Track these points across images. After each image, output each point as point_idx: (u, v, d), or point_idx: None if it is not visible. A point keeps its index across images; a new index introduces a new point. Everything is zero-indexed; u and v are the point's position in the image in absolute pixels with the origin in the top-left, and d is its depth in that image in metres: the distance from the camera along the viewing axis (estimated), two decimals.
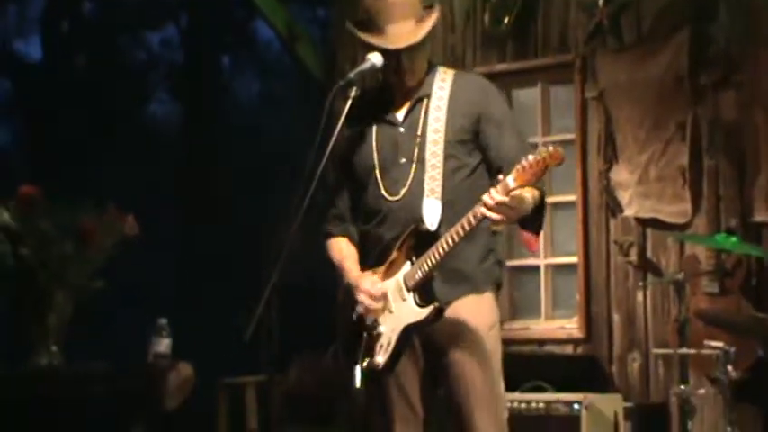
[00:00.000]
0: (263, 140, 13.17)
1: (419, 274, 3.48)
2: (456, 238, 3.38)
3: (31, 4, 13.37)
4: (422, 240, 3.49)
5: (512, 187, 3.27)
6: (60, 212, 5.00)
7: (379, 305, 3.52)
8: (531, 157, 3.28)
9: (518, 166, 3.29)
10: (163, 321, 4.97)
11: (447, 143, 3.56)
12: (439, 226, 3.48)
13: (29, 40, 13.42)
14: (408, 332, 3.51)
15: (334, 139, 3.52)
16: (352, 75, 3.55)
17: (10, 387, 4.81)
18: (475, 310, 3.55)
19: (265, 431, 6.53)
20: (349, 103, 3.54)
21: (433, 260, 3.45)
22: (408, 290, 3.50)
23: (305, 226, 3.41)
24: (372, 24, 3.59)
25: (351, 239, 3.71)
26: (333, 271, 3.72)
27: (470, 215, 3.34)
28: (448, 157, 3.55)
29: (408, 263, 3.52)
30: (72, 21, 13.46)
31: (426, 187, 3.53)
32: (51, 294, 4.97)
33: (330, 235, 3.74)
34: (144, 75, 13.84)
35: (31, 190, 5.04)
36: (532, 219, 3.51)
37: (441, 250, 3.42)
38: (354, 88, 3.54)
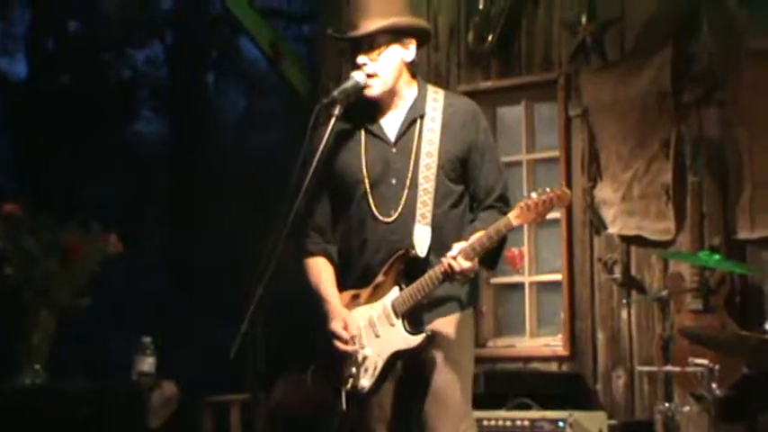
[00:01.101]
0: (248, 157, 13.15)
1: (410, 302, 3.49)
2: (436, 282, 3.45)
3: (16, 21, 13.34)
4: (410, 266, 3.50)
5: (514, 225, 3.35)
6: (44, 231, 4.99)
7: (348, 348, 3.52)
8: (534, 195, 3.32)
9: (521, 204, 3.35)
10: (147, 340, 4.96)
11: (439, 168, 3.55)
12: (428, 252, 3.49)
13: (14, 58, 13.38)
14: (396, 357, 3.52)
15: (317, 156, 3.52)
16: (335, 93, 3.57)
17: None
18: (454, 330, 3.56)
19: None
20: (332, 121, 3.56)
21: (425, 290, 3.47)
22: (397, 316, 3.51)
23: (290, 243, 3.40)
24: (347, 22, 3.62)
25: (329, 258, 3.67)
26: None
27: (434, 275, 3.43)
28: (439, 182, 3.55)
29: (396, 288, 3.52)
30: (57, 39, 13.44)
31: (418, 212, 3.52)
32: (35, 313, 4.96)
33: (309, 253, 3.68)
34: (129, 92, 13.81)
35: (14, 208, 5.03)
36: (489, 255, 3.55)
37: (433, 283, 3.45)
38: (338, 106, 3.55)
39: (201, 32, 13.31)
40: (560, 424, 5.44)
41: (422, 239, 3.50)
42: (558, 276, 6.39)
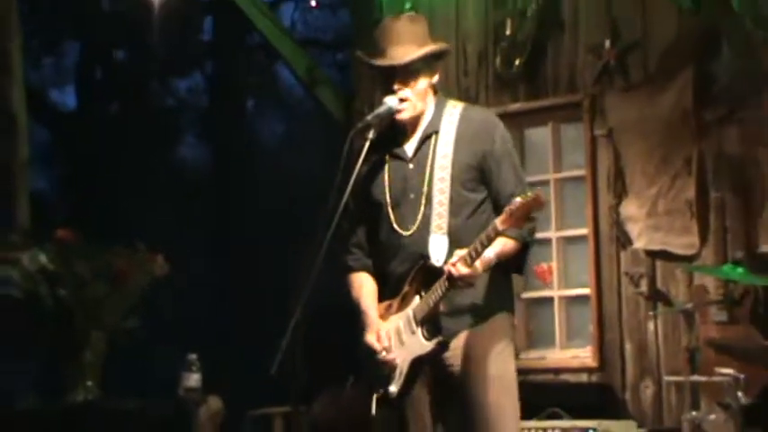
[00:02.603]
0: (287, 179, 13.22)
1: (426, 309, 3.53)
2: (443, 290, 3.47)
3: (66, 55, 13.51)
4: (430, 275, 3.53)
5: (500, 230, 3.36)
6: (95, 254, 5.04)
7: (382, 357, 3.56)
8: (518, 200, 3.34)
9: (506, 209, 3.36)
10: (193, 357, 5.00)
11: (453, 179, 3.58)
12: (445, 261, 3.51)
13: (64, 90, 13.55)
14: (417, 363, 3.55)
15: (353, 178, 3.56)
16: (369, 118, 3.61)
17: (48, 421, 4.84)
18: (481, 337, 3.57)
19: None
20: (367, 144, 3.59)
21: (436, 297, 3.50)
22: (417, 323, 3.54)
23: (328, 261, 3.43)
24: (377, 48, 3.65)
25: (371, 273, 3.73)
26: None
27: (442, 282, 3.45)
28: (454, 193, 3.57)
29: (417, 297, 3.57)
30: (104, 70, 13.59)
31: (433, 223, 3.56)
32: (87, 333, 5.01)
33: (350, 269, 3.75)
34: (173, 119, 13.93)
35: (66, 233, 5.10)
36: (514, 261, 3.58)
37: (441, 290, 3.48)
38: (372, 130, 3.59)
39: (240, 62, 13.41)
40: None
41: (438, 249, 3.53)
42: (586, 290, 6.37)
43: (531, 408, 5.64)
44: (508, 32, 6.62)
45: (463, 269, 3.41)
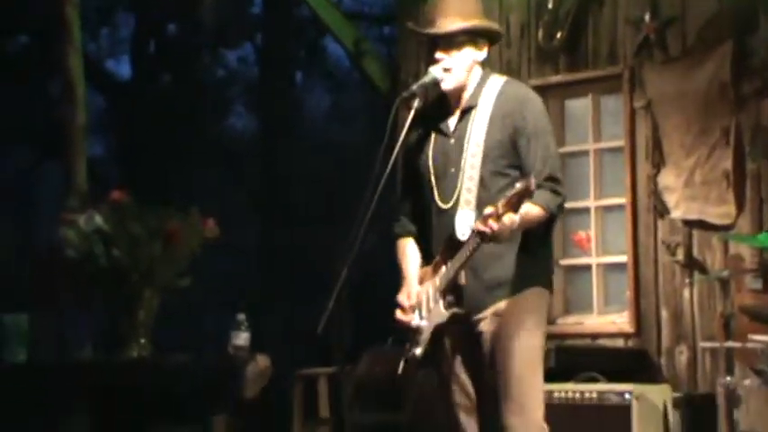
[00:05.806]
0: (333, 149, 13.24)
1: (447, 280, 3.52)
2: (465, 257, 3.43)
3: (122, 26, 13.57)
4: (456, 248, 3.50)
5: (500, 213, 3.30)
6: (148, 216, 5.06)
7: (404, 317, 3.58)
8: (518, 185, 3.28)
9: (504, 196, 3.30)
10: (241, 316, 5.01)
11: (485, 155, 3.53)
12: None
13: (119, 60, 13.62)
14: (438, 330, 3.54)
15: (399, 145, 3.55)
16: (414, 87, 3.59)
17: (104, 376, 4.89)
18: (512, 311, 3.53)
19: (337, 419, 6.55)
20: (412, 113, 3.57)
21: (459, 262, 3.47)
22: (440, 293, 3.54)
23: (374, 225, 3.43)
24: (425, 19, 3.63)
25: (414, 237, 3.72)
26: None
27: (471, 241, 3.40)
28: (485, 168, 3.53)
29: (444, 267, 3.55)
30: (158, 42, 13.63)
31: (462, 198, 3.53)
32: (140, 292, 5.03)
33: (396, 236, 3.76)
34: (223, 90, 13.96)
35: (121, 195, 5.11)
36: (538, 232, 3.53)
37: (468, 251, 3.44)
38: (417, 99, 3.58)
39: (289, 34, 13.39)
40: (626, 396, 5.39)
41: (464, 223, 3.49)
42: (623, 258, 6.33)
43: (569, 370, 5.63)
44: (550, 6, 6.57)
45: (494, 224, 3.31)
